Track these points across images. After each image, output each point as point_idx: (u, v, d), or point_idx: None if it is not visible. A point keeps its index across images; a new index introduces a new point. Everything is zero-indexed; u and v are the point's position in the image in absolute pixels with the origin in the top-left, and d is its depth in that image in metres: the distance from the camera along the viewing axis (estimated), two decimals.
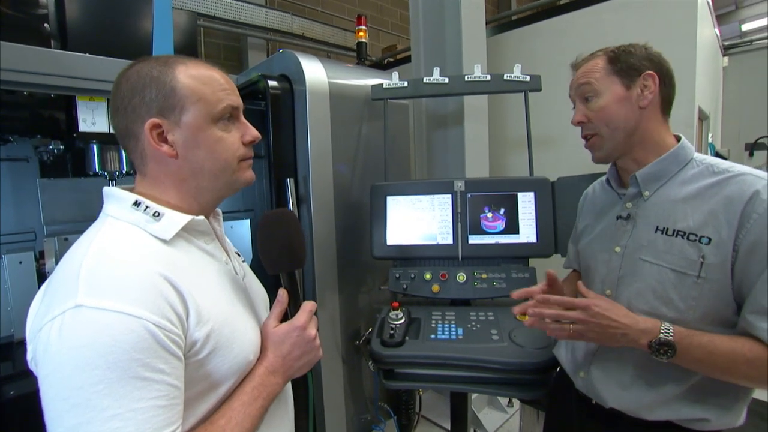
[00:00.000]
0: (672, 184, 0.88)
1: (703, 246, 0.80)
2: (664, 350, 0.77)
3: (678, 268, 0.82)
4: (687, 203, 0.85)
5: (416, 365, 1.21)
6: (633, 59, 0.90)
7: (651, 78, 0.88)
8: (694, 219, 0.82)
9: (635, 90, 0.89)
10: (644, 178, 0.90)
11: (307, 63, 1.56)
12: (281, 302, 0.75)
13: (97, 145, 1.58)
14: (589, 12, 2.48)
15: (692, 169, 0.88)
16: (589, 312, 0.81)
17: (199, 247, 0.69)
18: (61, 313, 0.51)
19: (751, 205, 0.76)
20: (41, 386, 0.51)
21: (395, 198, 1.50)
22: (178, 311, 0.56)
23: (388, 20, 6.52)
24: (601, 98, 0.91)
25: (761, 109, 4.30)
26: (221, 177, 0.69)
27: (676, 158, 0.89)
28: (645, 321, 0.81)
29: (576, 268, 1.19)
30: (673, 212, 0.86)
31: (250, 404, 0.64)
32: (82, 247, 0.58)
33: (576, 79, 0.96)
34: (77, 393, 0.48)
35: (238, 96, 0.72)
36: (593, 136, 0.94)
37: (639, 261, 0.89)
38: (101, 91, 1.44)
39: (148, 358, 0.51)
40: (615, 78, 0.90)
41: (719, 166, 0.85)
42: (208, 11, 4.43)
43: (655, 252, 0.86)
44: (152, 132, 0.64)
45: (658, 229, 0.87)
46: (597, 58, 0.94)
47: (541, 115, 2.15)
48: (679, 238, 0.83)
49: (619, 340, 0.81)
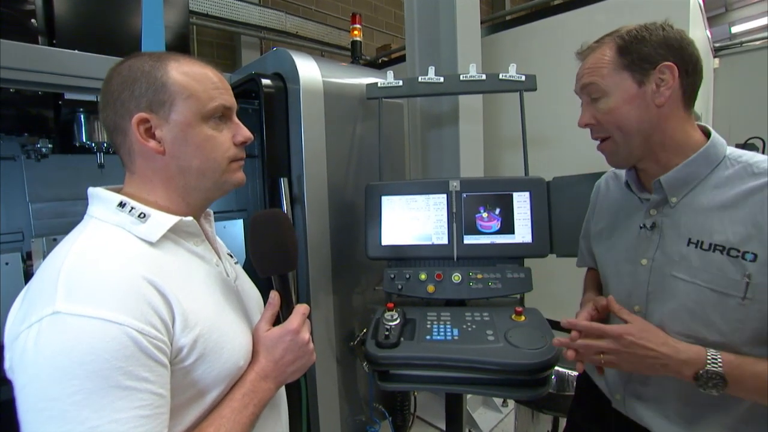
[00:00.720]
0: (703, 189, 0.77)
1: (748, 263, 0.69)
2: (713, 383, 0.68)
3: (718, 288, 0.72)
4: (724, 212, 0.73)
5: (411, 366, 1.20)
6: (646, 48, 0.76)
7: (669, 70, 0.75)
8: (734, 231, 0.71)
9: (650, 86, 0.76)
10: (670, 183, 0.78)
11: (302, 61, 1.55)
12: (273, 305, 0.73)
13: (84, 114, 1.54)
14: (583, 12, 2.49)
15: (726, 169, 0.76)
16: (623, 342, 0.73)
17: (188, 249, 0.67)
18: (38, 320, 0.49)
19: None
20: (18, 397, 0.49)
21: (390, 198, 1.49)
22: (163, 316, 0.54)
23: (382, 19, 6.51)
24: (610, 98, 0.79)
25: (751, 109, 4.35)
26: (210, 176, 0.68)
27: (707, 159, 0.77)
28: (687, 349, 0.71)
29: (592, 266, 1.10)
30: (708, 222, 0.74)
31: (240, 411, 0.62)
32: (63, 250, 0.56)
33: (581, 76, 0.84)
34: (54, 404, 0.46)
35: (231, 96, 0.70)
36: (605, 139, 0.83)
37: (670, 277, 0.78)
38: (89, 88, 1.41)
39: (130, 366, 0.49)
40: (625, 74, 0.78)
41: (760, 166, 0.73)
42: (201, 9, 4.39)
43: (689, 269, 0.75)
44: (139, 126, 0.62)
45: (691, 242, 0.75)
46: (604, 47, 0.81)
47: (536, 115, 2.16)
48: (718, 253, 0.72)
49: (658, 370, 0.73)
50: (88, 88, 1.42)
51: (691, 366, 0.70)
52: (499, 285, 1.38)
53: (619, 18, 2.31)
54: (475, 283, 1.39)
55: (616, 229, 0.93)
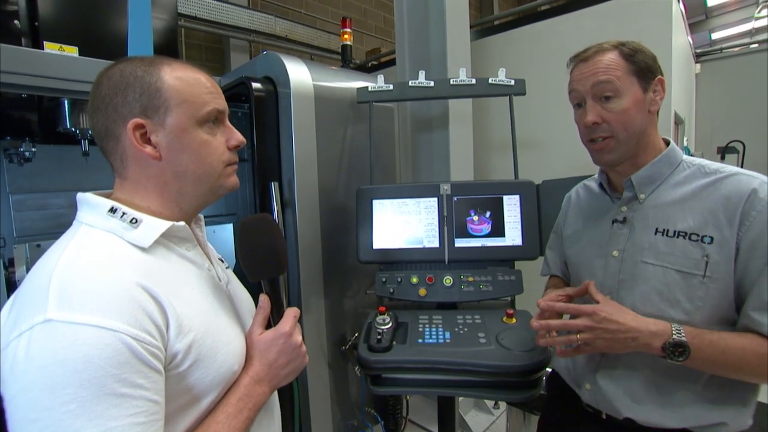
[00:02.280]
0: (666, 187, 0.88)
1: (706, 245, 0.80)
2: (679, 351, 0.76)
3: (683, 268, 0.82)
4: (684, 204, 0.84)
5: (404, 370, 1.20)
6: (648, 60, 0.86)
7: (661, 84, 0.87)
8: (693, 219, 0.82)
9: (649, 94, 0.86)
10: (639, 181, 0.90)
11: (292, 65, 1.55)
12: (263, 308, 0.73)
13: (68, 100, 1.51)
14: (570, 18, 2.54)
15: (683, 171, 0.88)
16: (596, 318, 0.79)
17: (180, 255, 0.67)
18: (29, 328, 0.48)
19: (750, 203, 0.77)
20: (7, 408, 0.48)
21: (381, 201, 1.49)
22: (157, 322, 0.54)
23: (371, 23, 6.53)
24: (623, 99, 0.84)
25: (732, 114, 4.48)
26: (206, 181, 0.67)
27: (668, 160, 0.89)
28: (654, 323, 0.79)
29: (557, 274, 1.18)
30: (672, 214, 0.85)
31: (235, 416, 0.62)
32: (53, 256, 0.55)
33: (591, 74, 0.86)
34: (47, 414, 0.45)
35: (223, 100, 0.70)
36: (606, 138, 0.87)
37: (641, 264, 0.87)
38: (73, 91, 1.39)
39: (124, 373, 0.49)
40: (634, 79, 0.85)
41: (710, 167, 0.86)
42: (190, 12, 4.35)
43: (657, 254, 0.85)
44: (135, 132, 0.61)
45: (658, 231, 0.86)
46: (610, 53, 0.86)
47: (525, 118, 2.19)
48: (681, 238, 0.83)
49: (629, 345, 0.79)
50: (72, 91, 1.39)
51: (659, 337, 0.77)
52: (490, 287, 1.39)
53: (605, 23, 2.37)
54: (467, 285, 1.40)
55: (588, 229, 1.02)
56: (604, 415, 0.94)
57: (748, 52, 4.62)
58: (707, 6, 9.45)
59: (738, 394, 0.83)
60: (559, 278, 1.17)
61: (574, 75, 0.91)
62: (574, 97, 0.92)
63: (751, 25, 9.21)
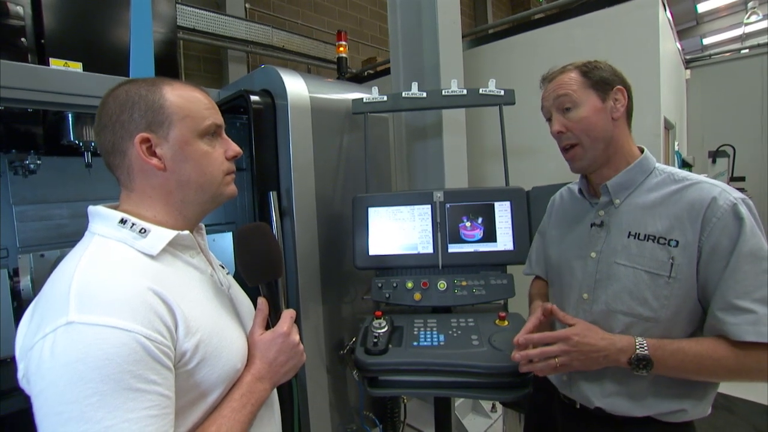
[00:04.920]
0: (639, 192, 0.95)
1: (672, 248, 0.86)
2: (643, 365, 0.83)
3: (651, 269, 0.88)
4: (654, 209, 0.91)
5: (400, 372, 1.23)
6: (604, 74, 0.95)
7: (620, 92, 0.95)
8: (662, 223, 0.89)
9: (609, 102, 0.94)
10: (614, 187, 0.96)
11: (289, 78, 1.60)
12: (262, 310, 0.78)
13: (72, 114, 1.55)
14: (561, 27, 2.60)
15: (656, 177, 0.95)
16: (570, 342, 0.86)
17: (185, 261, 0.72)
18: (53, 330, 0.52)
19: (711, 211, 0.83)
20: (35, 403, 0.53)
21: (376, 209, 1.53)
22: (168, 324, 0.58)
23: (367, 33, 6.63)
24: (581, 108, 0.94)
25: (722, 118, 4.55)
26: (208, 190, 0.73)
27: (642, 168, 0.96)
28: (620, 339, 0.86)
29: (540, 274, 1.24)
30: (643, 218, 0.92)
31: (239, 411, 0.66)
32: (71, 264, 0.59)
33: (553, 91, 0.98)
34: (71, 407, 0.50)
35: (220, 115, 0.76)
36: (573, 146, 0.97)
37: (614, 265, 0.94)
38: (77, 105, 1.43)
39: (140, 369, 0.53)
40: (591, 91, 0.94)
41: (678, 175, 0.93)
42: (188, 24, 4.42)
43: (629, 256, 0.92)
44: (142, 146, 0.67)
45: (631, 235, 0.92)
46: (570, 72, 0.97)
47: (516, 127, 2.23)
48: (650, 242, 0.89)
49: (602, 362, 0.86)
50: (76, 105, 1.44)
51: (625, 353, 0.85)
52: (483, 291, 1.43)
53: (594, 32, 2.43)
54: (460, 290, 1.44)
55: (570, 231, 1.08)
56: (578, 404, 1.01)
57: (738, 57, 4.70)
58: (698, 12, 9.60)
59: (697, 387, 0.90)
60: (542, 281, 1.23)
61: (543, 94, 1.02)
62: (544, 112, 1.02)
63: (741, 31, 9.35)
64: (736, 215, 0.82)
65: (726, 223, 0.82)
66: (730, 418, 1.92)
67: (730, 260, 0.81)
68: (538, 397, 1.17)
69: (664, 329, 0.88)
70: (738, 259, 0.80)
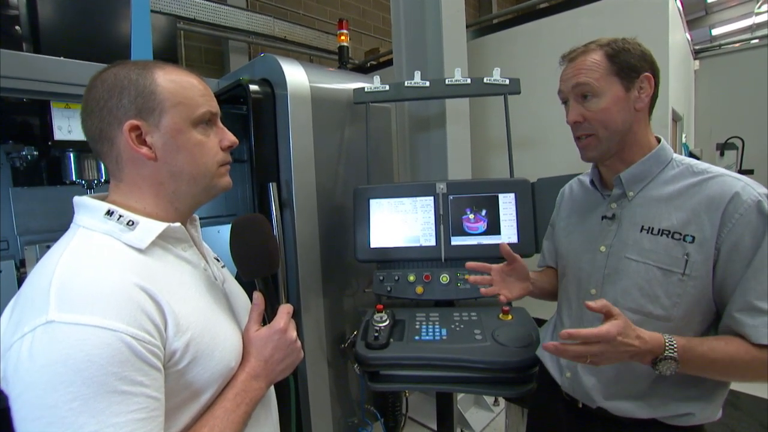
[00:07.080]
0: (655, 185, 0.89)
1: (688, 244, 0.81)
2: (668, 366, 0.77)
3: (664, 265, 0.83)
4: (670, 203, 0.85)
5: (401, 367, 1.22)
6: (632, 59, 0.87)
7: (647, 80, 0.87)
8: (677, 218, 0.83)
9: (633, 92, 0.87)
10: (628, 179, 0.91)
11: (289, 67, 1.56)
12: (258, 305, 0.75)
13: (74, 154, 1.54)
14: (567, 16, 2.55)
15: (673, 169, 0.89)
16: (614, 343, 0.76)
17: (177, 255, 0.68)
18: (32, 330, 0.49)
19: (733, 206, 0.78)
20: (13, 406, 0.50)
21: (378, 201, 1.51)
22: (156, 321, 0.55)
23: (370, 23, 6.54)
24: (602, 99, 0.87)
25: (731, 110, 4.47)
26: (200, 181, 0.69)
27: (658, 159, 0.90)
28: (651, 338, 0.78)
29: (552, 265, 1.19)
30: (657, 212, 0.86)
31: (233, 411, 0.63)
32: (53, 259, 0.56)
33: (572, 75, 0.90)
34: (51, 412, 0.47)
35: (215, 102, 0.72)
36: (589, 136, 0.90)
37: (624, 260, 0.89)
38: (76, 95, 1.41)
39: (125, 371, 0.50)
40: (615, 79, 0.86)
41: (698, 167, 0.87)
42: (189, 14, 4.37)
43: (641, 251, 0.87)
44: (131, 133, 0.63)
45: (644, 229, 0.87)
46: (593, 53, 0.88)
47: (520, 117, 2.20)
48: (664, 236, 0.84)
49: (625, 359, 0.79)
50: (73, 95, 1.41)
51: (654, 353, 0.78)
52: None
53: (602, 21, 2.37)
54: (463, 283, 1.41)
55: (580, 224, 1.04)
56: (580, 404, 0.98)
57: (747, 48, 4.61)
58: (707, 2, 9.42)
59: (706, 389, 0.86)
60: (554, 270, 1.18)
61: (561, 75, 0.94)
62: (562, 96, 0.95)
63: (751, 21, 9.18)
64: (760, 212, 0.76)
65: (749, 219, 0.76)
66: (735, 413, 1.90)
67: (753, 259, 0.76)
68: (541, 394, 1.14)
69: (675, 328, 0.82)
70: (762, 259, 0.75)
